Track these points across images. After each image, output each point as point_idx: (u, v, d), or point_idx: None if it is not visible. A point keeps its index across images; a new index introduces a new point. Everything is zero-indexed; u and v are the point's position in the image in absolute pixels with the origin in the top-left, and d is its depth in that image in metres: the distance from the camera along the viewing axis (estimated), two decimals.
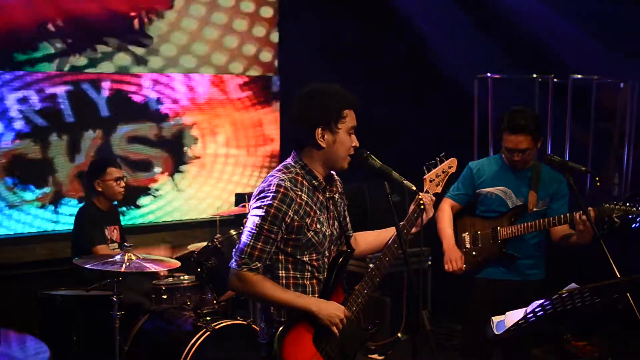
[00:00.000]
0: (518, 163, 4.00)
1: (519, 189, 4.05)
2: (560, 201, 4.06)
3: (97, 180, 4.97)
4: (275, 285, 2.86)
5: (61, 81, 5.83)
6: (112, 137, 6.09)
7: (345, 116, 2.86)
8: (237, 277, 2.84)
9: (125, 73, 6.12)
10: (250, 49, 6.74)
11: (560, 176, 4.09)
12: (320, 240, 2.89)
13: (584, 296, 2.93)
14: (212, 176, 6.66)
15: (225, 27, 6.57)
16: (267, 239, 2.81)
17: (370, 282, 2.98)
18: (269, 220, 2.79)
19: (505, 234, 4.02)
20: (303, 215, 2.83)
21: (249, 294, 2.91)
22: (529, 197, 4.03)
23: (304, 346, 2.85)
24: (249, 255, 2.82)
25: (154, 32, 6.19)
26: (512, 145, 3.93)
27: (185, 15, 6.35)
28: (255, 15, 6.74)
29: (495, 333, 3.14)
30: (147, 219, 6.31)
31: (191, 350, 4.14)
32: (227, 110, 6.69)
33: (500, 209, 4.07)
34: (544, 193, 4.05)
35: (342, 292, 2.98)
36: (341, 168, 2.93)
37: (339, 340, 2.90)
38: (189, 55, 6.40)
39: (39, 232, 5.81)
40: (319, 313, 2.82)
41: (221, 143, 6.69)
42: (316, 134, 2.84)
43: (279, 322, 2.88)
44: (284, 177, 2.84)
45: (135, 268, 4.12)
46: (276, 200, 2.79)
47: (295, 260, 2.88)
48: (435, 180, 3.12)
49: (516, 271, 4.07)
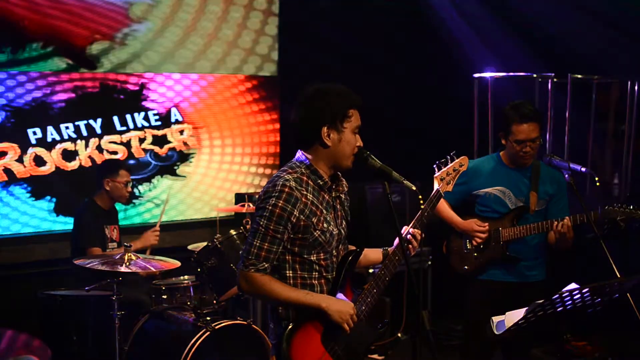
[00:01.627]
0: (527, 156, 3.94)
1: (518, 188, 4.02)
2: (561, 202, 4.05)
3: (108, 178, 5.01)
4: (283, 285, 2.86)
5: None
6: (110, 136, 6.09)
7: (351, 115, 2.88)
8: (244, 279, 2.85)
9: (122, 72, 6.11)
10: (250, 48, 6.73)
11: (560, 175, 4.07)
12: (327, 239, 2.89)
13: (584, 296, 2.93)
14: (211, 175, 6.66)
15: (225, 23, 6.56)
16: (273, 239, 2.81)
17: (380, 282, 2.98)
18: (274, 221, 2.80)
19: (508, 236, 3.99)
20: (309, 215, 2.84)
21: (257, 294, 2.91)
22: (530, 198, 4.01)
23: (313, 345, 2.85)
24: (255, 255, 2.82)
25: (150, 30, 6.19)
26: (524, 135, 3.88)
27: (179, 10, 6.32)
28: (256, 11, 6.73)
29: (495, 333, 3.14)
30: (144, 218, 6.30)
31: (191, 350, 4.14)
32: (227, 109, 6.68)
33: (500, 210, 4.03)
34: (544, 192, 4.03)
35: (351, 292, 2.98)
36: (346, 167, 2.94)
37: (347, 340, 2.90)
38: (188, 54, 6.39)
39: (39, 232, 5.81)
40: (328, 309, 2.83)
41: (221, 143, 6.68)
42: (322, 133, 2.85)
43: (287, 321, 2.87)
44: (288, 177, 2.85)
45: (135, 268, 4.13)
46: (281, 200, 2.79)
47: (303, 260, 2.88)
48: (446, 179, 3.13)
49: (517, 272, 4.04)
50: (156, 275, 4.92)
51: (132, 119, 6.19)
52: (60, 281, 4.96)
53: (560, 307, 2.92)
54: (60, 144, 5.85)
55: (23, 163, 5.69)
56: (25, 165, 5.70)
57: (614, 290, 3.05)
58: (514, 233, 3.97)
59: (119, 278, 4.20)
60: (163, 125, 6.34)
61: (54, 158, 5.82)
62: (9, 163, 5.64)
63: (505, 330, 3.06)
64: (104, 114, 6.05)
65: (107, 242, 5.01)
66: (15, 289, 5.42)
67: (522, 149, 3.92)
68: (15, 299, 5.30)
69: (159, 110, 6.32)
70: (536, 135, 3.90)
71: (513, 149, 3.95)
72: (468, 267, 4.08)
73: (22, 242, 5.72)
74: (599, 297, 2.98)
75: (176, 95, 6.40)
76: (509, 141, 3.95)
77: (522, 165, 4.01)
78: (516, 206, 4.01)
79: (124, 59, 6.10)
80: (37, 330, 4.55)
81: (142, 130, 6.24)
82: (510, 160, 4.04)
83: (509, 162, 4.05)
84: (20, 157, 5.68)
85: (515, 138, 3.91)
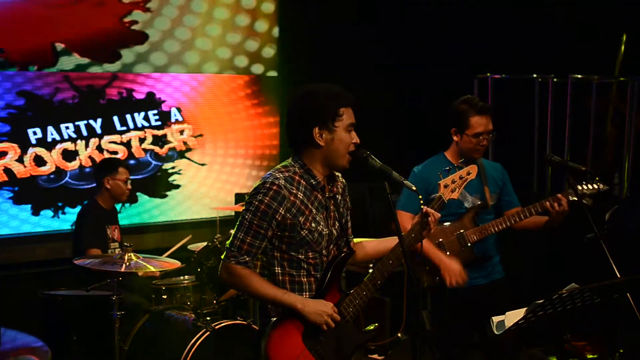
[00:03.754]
0: (482, 149, 3.89)
1: (470, 186, 3.76)
2: (510, 191, 4.04)
3: (108, 177, 5.00)
4: (262, 281, 2.88)
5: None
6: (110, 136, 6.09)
7: (342, 114, 2.88)
8: (225, 269, 2.90)
9: (123, 72, 6.11)
10: (250, 48, 6.73)
11: (499, 165, 4.09)
12: (315, 238, 2.90)
13: (584, 296, 2.93)
14: (211, 176, 6.66)
15: (226, 24, 6.57)
16: (256, 234, 2.85)
17: (371, 285, 2.98)
18: (258, 216, 2.84)
19: (474, 238, 3.85)
20: (296, 214, 2.86)
21: (236, 286, 2.98)
22: (485, 193, 3.94)
23: (292, 343, 2.85)
24: (237, 248, 2.86)
25: (154, 31, 6.19)
26: (483, 128, 3.85)
27: (187, 12, 6.35)
28: (256, 11, 6.73)
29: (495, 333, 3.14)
30: (142, 218, 6.31)
31: (191, 350, 4.15)
32: (227, 110, 6.69)
33: (459, 211, 3.89)
34: (494, 186, 3.98)
35: (337, 292, 2.97)
36: (342, 166, 2.94)
37: (332, 340, 2.90)
38: (187, 54, 6.40)
39: (39, 232, 5.81)
40: (303, 310, 2.83)
41: (221, 143, 6.68)
42: (314, 134, 2.87)
43: (267, 320, 2.89)
44: (279, 175, 2.88)
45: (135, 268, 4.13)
46: (267, 197, 2.83)
47: (291, 258, 2.91)
48: (451, 186, 3.09)
49: (484, 273, 3.94)
50: (156, 275, 4.92)
51: (132, 119, 6.19)
52: (60, 281, 4.96)
53: (560, 307, 2.92)
54: (60, 144, 5.86)
55: (23, 163, 5.70)
56: (25, 165, 5.71)
57: (613, 290, 3.05)
58: (480, 233, 3.85)
59: (119, 278, 4.20)
60: (163, 125, 6.35)
61: (54, 158, 5.83)
62: (9, 163, 5.64)
63: (505, 330, 3.05)
64: (104, 114, 6.05)
65: (109, 243, 5.00)
66: (15, 289, 5.42)
67: (479, 142, 3.87)
68: (15, 299, 5.30)
69: (159, 110, 6.32)
70: (492, 127, 3.89)
71: (469, 143, 3.87)
72: (439, 279, 3.79)
73: (22, 242, 5.73)
74: (599, 297, 2.98)
75: (176, 95, 6.40)
76: (465, 135, 3.87)
77: (473, 160, 3.84)
78: (473, 204, 3.91)
79: (125, 60, 6.11)
80: (37, 330, 4.55)
81: (142, 130, 6.25)
82: (459, 156, 3.91)
83: (456, 161, 3.90)
84: (21, 157, 5.69)
85: (474, 131, 3.85)
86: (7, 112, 5.63)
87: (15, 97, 5.66)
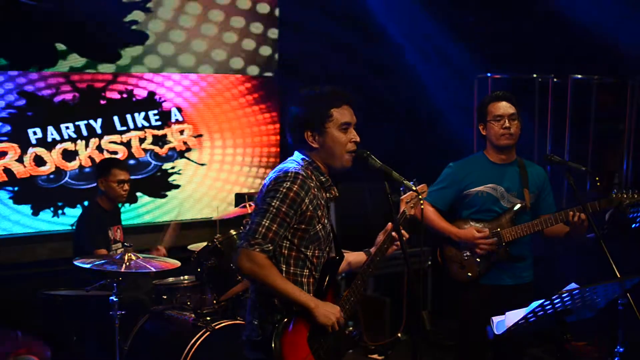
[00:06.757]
0: (508, 134, 3.88)
1: (510, 185, 3.93)
2: (549, 196, 4.04)
3: (101, 179, 4.98)
4: (281, 275, 2.85)
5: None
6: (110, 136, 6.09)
7: (331, 115, 2.88)
8: (247, 257, 2.78)
9: (123, 73, 6.11)
10: (249, 48, 6.73)
11: (542, 169, 4.08)
12: (325, 236, 2.92)
13: (584, 296, 2.93)
14: (211, 176, 6.66)
15: (224, 24, 6.57)
16: (282, 222, 2.80)
17: (356, 290, 3.01)
18: (287, 203, 2.79)
19: (510, 237, 3.87)
20: (316, 207, 2.87)
21: (257, 275, 2.81)
22: (524, 194, 3.93)
23: (301, 346, 2.85)
24: (263, 235, 2.79)
25: (151, 30, 6.19)
26: (502, 110, 3.88)
27: (182, 13, 6.35)
28: (254, 12, 6.73)
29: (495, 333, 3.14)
30: (144, 219, 6.31)
31: (191, 350, 4.15)
32: (227, 110, 6.68)
33: (495, 208, 3.93)
34: (534, 187, 3.98)
35: (332, 298, 2.97)
36: (342, 166, 2.94)
37: (329, 343, 2.90)
38: (187, 54, 6.40)
39: (38, 232, 5.81)
40: (315, 309, 2.82)
41: (221, 143, 6.68)
42: (307, 138, 2.89)
43: (275, 320, 2.85)
44: (298, 167, 2.88)
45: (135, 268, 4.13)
46: (295, 185, 2.81)
47: (298, 255, 2.88)
48: (410, 202, 3.13)
49: (512, 274, 3.95)
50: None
51: (132, 119, 6.19)
52: (60, 281, 4.96)
53: (560, 307, 2.92)
54: (60, 144, 5.85)
55: (23, 163, 5.70)
56: (25, 165, 5.71)
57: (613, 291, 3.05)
58: (515, 233, 3.86)
59: (119, 278, 4.20)
60: (163, 125, 6.35)
61: (54, 158, 5.82)
62: (9, 163, 5.64)
63: (505, 330, 3.05)
64: (104, 114, 6.05)
65: (111, 244, 4.99)
66: (15, 289, 5.42)
67: (501, 126, 3.87)
68: (15, 299, 5.30)
69: (159, 110, 6.32)
70: (513, 111, 3.89)
71: (492, 129, 3.90)
72: (472, 274, 3.93)
73: (22, 242, 5.73)
74: (599, 297, 2.98)
75: (176, 95, 6.40)
76: (489, 123, 3.91)
77: (505, 148, 3.91)
78: (512, 204, 3.92)
79: (125, 60, 6.11)
80: (37, 330, 4.55)
81: (142, 130, 6.24)
82: (494, 152, 3.96)
83: (494, 158, 3.96)
84: (21, 157, 5.68)
85: (493, 114, 3.89)
86: (8, 112, 5.63)
87: (17, 97, 5.66)
